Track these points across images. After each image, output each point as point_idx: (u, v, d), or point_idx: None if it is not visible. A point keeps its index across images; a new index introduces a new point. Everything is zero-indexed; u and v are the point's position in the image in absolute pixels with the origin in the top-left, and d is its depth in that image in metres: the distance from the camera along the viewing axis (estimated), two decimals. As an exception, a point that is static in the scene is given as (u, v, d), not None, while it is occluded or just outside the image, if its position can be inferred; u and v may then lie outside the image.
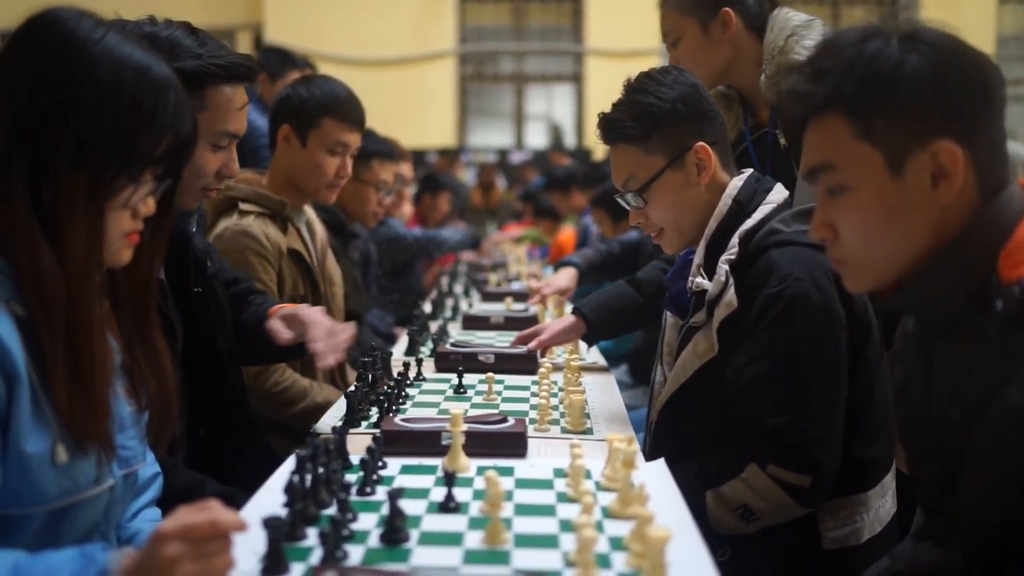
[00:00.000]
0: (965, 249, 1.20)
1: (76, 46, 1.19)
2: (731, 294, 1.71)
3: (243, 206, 2.42)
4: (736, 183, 1.84)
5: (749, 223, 1.77)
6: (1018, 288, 1.13)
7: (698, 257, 1.82)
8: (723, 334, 1.73)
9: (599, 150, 9.48)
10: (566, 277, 3.13)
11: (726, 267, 1.74)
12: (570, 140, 12.47)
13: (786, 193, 1.82)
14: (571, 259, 3.25)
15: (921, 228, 1.21)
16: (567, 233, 6.74)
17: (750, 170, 1.90)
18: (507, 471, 1.51)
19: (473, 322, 3.08)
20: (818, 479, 1.63)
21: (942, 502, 1.28)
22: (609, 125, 1.88)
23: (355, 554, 1.19)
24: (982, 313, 1.17)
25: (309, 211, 2.68)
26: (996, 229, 1.19)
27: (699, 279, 1.79)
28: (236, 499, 1.39)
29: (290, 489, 1.24)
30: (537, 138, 12.91)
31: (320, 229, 2.73)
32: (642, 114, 1.84)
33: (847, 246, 1.26)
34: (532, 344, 2.43)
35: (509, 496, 1.39)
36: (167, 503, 1.62)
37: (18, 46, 1.20)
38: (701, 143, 1.82)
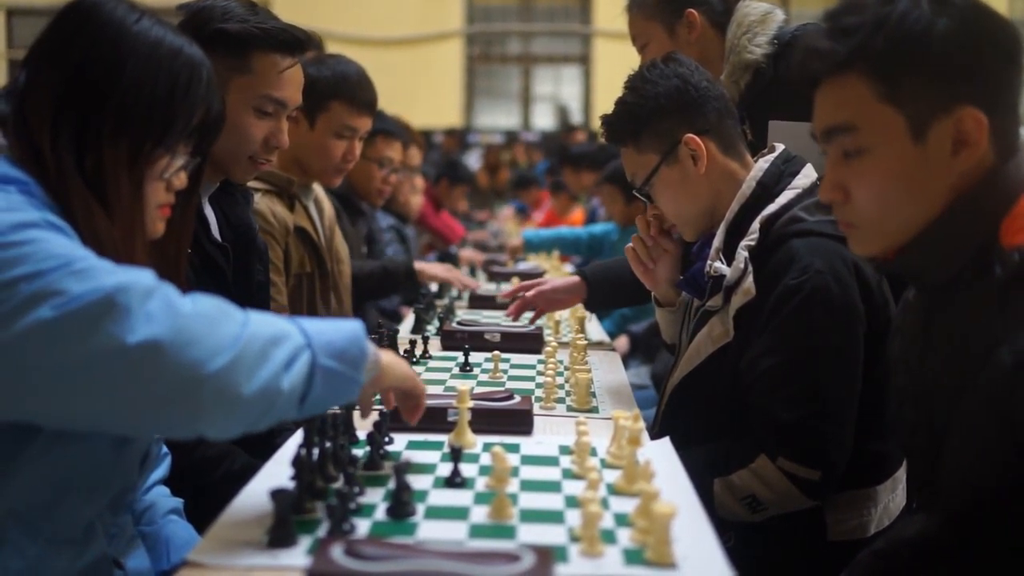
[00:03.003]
0: (969, 214, 1.18)
1: (115, 27, 1.25)
2: (749, 281, 1.70)
3: (249, 183, 2.43)
4: (762, 165, 1.81)
5: (771, 208, 1.74)
6: (1018, 254, 1.12)
7: (717, 240, 1.80)
8: (739, 321, 1.72)
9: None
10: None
11: (745, 253, 1.72)
12: (577, 121, 12.44)
13: (814, 176, 1.79)
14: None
15: (937, 194, 1.20)
16: (577, 214, 6.73)
17: (781, 147, 1.87)
18: (513, 448, 1.51)
19: (479, 301, 3.08)
20: (828, 474, 1.63)
21: (930, 474, 1.27)
22: (606, 128, 1.90)
23: (362, 527, 1.19)
24: (981, 279, 1.16)
25: (317, 189, 2.68)
26: (1001, 196, 1.18)
27: (717, 263, 1.77)
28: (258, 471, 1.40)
29: (298, 462, 1.25)
30: (544, 119, 12.89)
31: (328, 207, 2.73)
32: (628, 115, 1.85)
33: (859, 210, 1.24)
34: (531, 293, 2.44)
35: (515, 472, 1.40)
36: (195, 469, 1.64)
37: (61, 28, 1.26)
38: (690, 135, 1.80)
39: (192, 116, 1.29)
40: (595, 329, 2.82)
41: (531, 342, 2.35)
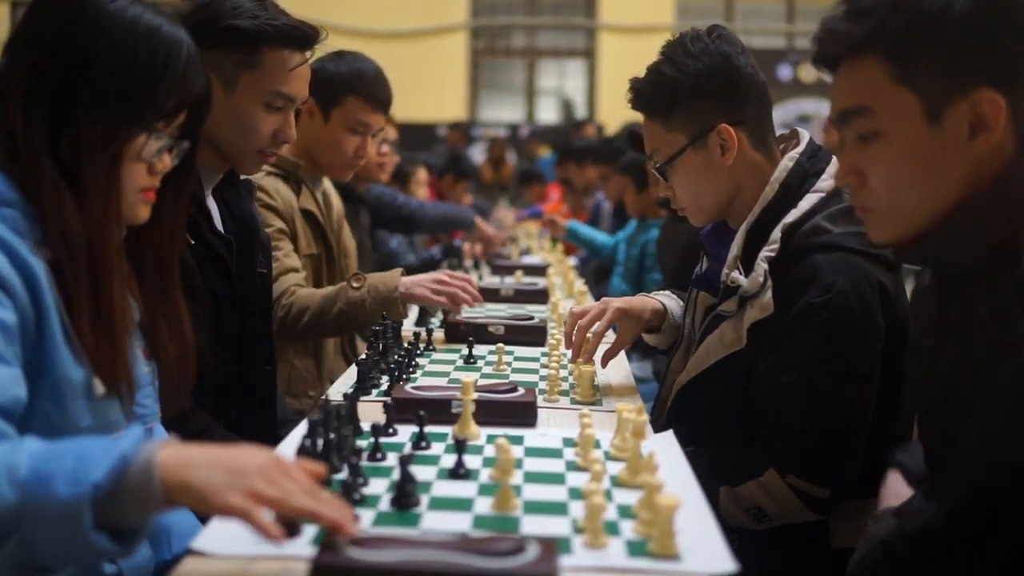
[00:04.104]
0: (993, 202, 1.16)
1: (91, 5, 1.24)
2: (768, 297, 1.64)
3: None
4: (786, 163, 1.73)
5: (794, 215, 1.67)
6: None
7: (735, 248, 1.72)
8: (753, 331, 1.67)
9: (611, 125, 9.44)
10: None
11: (765, 266, 1.66)
12: (581, 115, 12.42)
13: None
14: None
15: (953, 179, 1.17)
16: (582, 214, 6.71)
17: (807, 137, 1.79)
18: (517, 440, 1.51)
19: (484, 294, 3.06)
20: (836, 491, 1.62)
21: (939, 463, 1.26)
22: (635, 95, 1.80)
23: (366, 517, 1.20)
24: (1003, 268, 1.14)
25: (326, 182, 2.69)
26: None
27: (735, 273, 1.69)
28: None
29: (302, 453, 1.25)
30: (548, 113, 12.87)
31: (336, 201, 2.74)
32: (663, 88, 1.74)
33: (875, 194, 1.22)
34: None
35: (519, 464, 1.40)
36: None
37: (36, 9, 1.26)
38: (724, 124, 1.72)
39: (169, 94, 1.28)
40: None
41: (535, 335, 2.35)
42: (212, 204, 1.87)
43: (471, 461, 1.39)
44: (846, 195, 1.70)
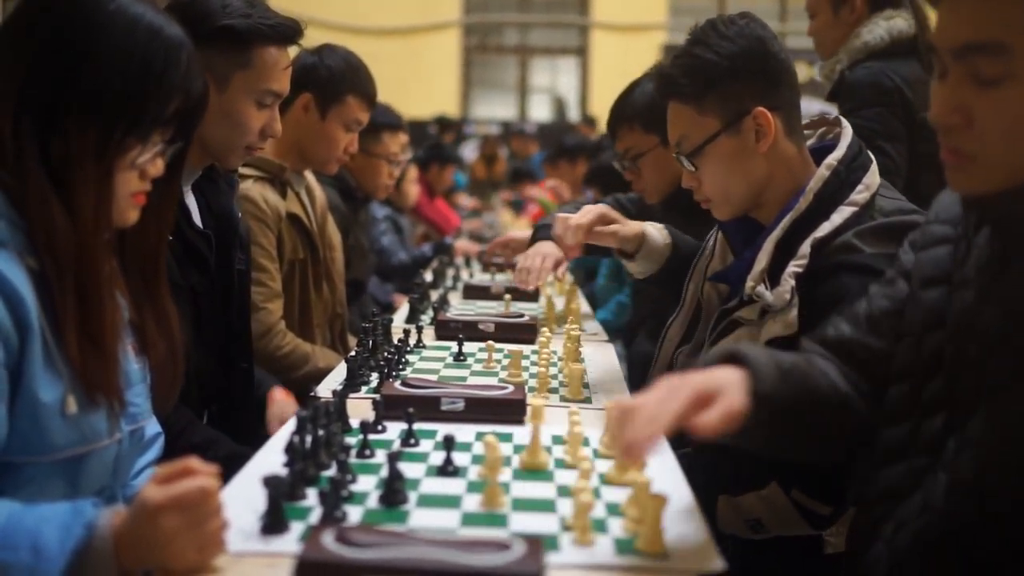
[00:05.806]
0: None
1: (89, 4, 1.20)
2: (793, 315, 1.56)
3: (241, 170, 2.41)
4: (823, 172, 1.63)
5: (825, 229, 1.57)
6: None
7: (763, 260, 1.62)
8: (771, 345, 1.59)
9: (603, 124, 9.43)
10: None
11: (793, 282, 1.57)
12: (574, 114, 12.43)
13: (875, 186, 1.62)
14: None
15: None
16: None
17: (848, 138, 1.67)
18: (506, 437, 1.51)
19: (474, 292, 3.08)
20: (839, 508, 1.60)
21: (944, 433, 1.15)
22: (663, 80, 1.72)
23: (354, 514, 1.20)
24: None
25: (309, 176, 2.68)
26: None
27: (760, 288, 1.61)
28: (246, 459, 1.40)
29: (290, 449, 1.25)
30: (541, 111, 12.87)
31: (320, 194, 2.73)
32: (697, 70, 1.66)
33: (983, 141, 1.02)
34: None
35: (507, 461, 1.40)
36: (179, 457, 1.64)
37: (31, 4, 1.21)
38: (761, 108, 1.63)
39: (167, 103, 1.24)
40: (589, 320, 2.82)
41: (525, 332, 2.35)
42: (191, 200, 1.86)
43: (460, 458, 1.39)
44: (878, 205, 1.61)
